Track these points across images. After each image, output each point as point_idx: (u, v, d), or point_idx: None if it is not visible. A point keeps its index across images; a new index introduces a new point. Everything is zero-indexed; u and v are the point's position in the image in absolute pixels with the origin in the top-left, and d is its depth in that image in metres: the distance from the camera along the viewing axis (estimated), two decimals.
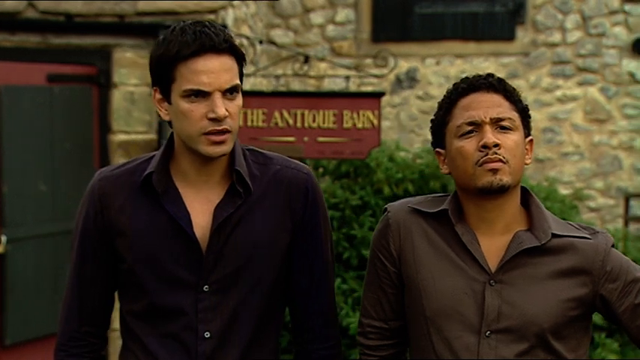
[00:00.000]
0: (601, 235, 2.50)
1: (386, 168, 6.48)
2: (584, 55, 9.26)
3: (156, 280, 2.45)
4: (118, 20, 6.55)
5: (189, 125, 2.38)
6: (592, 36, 9.29)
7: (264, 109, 6.26)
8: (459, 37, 9.23)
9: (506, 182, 2.41)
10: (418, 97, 9.29)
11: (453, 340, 2.43)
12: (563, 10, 9.30)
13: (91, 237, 2.51)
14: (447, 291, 2.44)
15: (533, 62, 9.27)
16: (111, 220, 2.48)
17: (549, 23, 9.30)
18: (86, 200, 2.53)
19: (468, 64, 9.25)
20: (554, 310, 2.41)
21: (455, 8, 9.23)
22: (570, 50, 9.29)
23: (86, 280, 2.53)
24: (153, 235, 2.45)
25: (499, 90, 2.47)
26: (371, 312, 2.60)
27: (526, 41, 9.27)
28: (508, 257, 2.43)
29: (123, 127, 6.63)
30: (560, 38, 9.31)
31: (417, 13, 9.25)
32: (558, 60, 9.30)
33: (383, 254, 2.55)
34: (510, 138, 2.43)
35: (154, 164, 2.48)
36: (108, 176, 2.51)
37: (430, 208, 2.52)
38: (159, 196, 2.46)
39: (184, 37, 2.36)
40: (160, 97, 2.43)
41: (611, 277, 2.45)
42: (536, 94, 9.30)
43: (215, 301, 2.45)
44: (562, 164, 9.36)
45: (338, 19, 9.40)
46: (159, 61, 2.39)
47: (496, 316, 2.41)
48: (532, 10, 9.30)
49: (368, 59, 9.15)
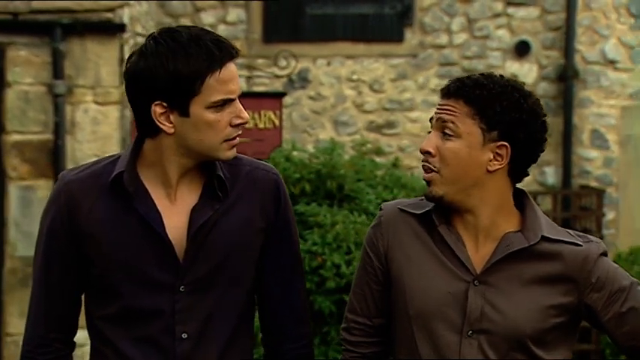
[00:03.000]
0: (594, 243, 2.51)
1: (283, 168, 6.52)
2: (469, 57, 9.47)
3: (130, 283, 2.42)
4: (11, 18, 6.43)
5: (214, 135, 2.37)
6: (477, 38, 9.51)
7: None
8: (349, 38, 9.34)
9: (436, 193, 2.44)
10: (310, 98, 9.36)
11: (436, 338, 2.46)
12: (450, 12, 9.49)
13: (57, 242, 2.46)
14: (432, 290, 2.47)
15: (422, 63, 9.44)
16: (80, 224, 2.44)
17: (436, 25, 9.48)
18: (52, 205, 2.48)
19: (358, 65, 9.36)
20: (537, 315, 2.44)
21: (345, 10, 9.33)
22: (456, 52, 9.49)
23: (52, 286, 2.49)
24: (124, 237, 2.42)
25: (459, 95, 2.45)
26: (356, 307, 2.62)
27: (414, 43, 9.43)
28: (495, 259, 2.46)
29: (17, 127, 6.52)
30: (446, 40, 9.50)
31: (308, 13, 9.31)
32: (445, 61, 9.48)
33: (372, 251, 2.58)
34: (447, 145, 2.44)
35: (122, 164, 2.44)
36: (73, 180, 2.46)
37: (418, 210, 2.54)
38: (129, 196, 2.43)
39: (206, 48, 2.33)
40: (162, 111, 2.36)
41: (596, 287, 2.47)
42: (424, 94, 9.47)
43: (191, 301, 2.44)
44: None
45: (229, 19, 9.40)
46: (178, 76, 2.32)
47: (479, 316, 2.44)
48: (419, 12, 9.46)
49: (260, 59, 9.18)
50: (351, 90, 9.33)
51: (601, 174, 9.57)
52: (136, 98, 2.40)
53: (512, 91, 2.46)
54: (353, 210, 6.68)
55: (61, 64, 6.41)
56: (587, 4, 9.55)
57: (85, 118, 6.44)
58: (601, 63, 9.55)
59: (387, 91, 9.43)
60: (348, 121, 9.39)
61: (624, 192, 9.59)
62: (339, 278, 6.24)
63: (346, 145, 8.17)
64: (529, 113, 2.46)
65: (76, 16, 6.40)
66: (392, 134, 9.47)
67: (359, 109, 9.41)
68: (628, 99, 9.58)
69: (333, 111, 9.38)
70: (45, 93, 6.48)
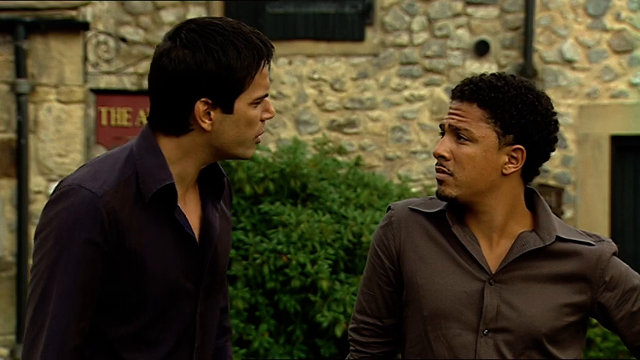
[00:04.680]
0: (606, 243, 2.53)
1: (247, 167, 6.52)
2: (430, 56, 9.52)
3: (161, 295, 2.31)
4: None
5: (251, 130, 2.29)
6: (437, 38, 9.56)
7: (129, 107, 6.24)
8: (310, 37, 9.35)
9: (449, 194, 2.43)
10: (272, 97, 9.33)
11: (451, 338, 2.45)
12: (410, 12, 9.53)
13: (92, 256, 2.26)
14: (447, 290, 2.47)
15: (382, 63, 9.47)
16: (123, 238, 2.27)
17: (397, 25, 9.52)
18: (86, 219, 2.25)
19: (319, 64, 9.37)
20: (552, 313, 2.46)
21: (306, 9, 9.34)
22: (417, 51, 9.53)
23: (79, 311, 2.28)
24: (162, 247, 2.30)
25: (473, 99, 2.44)
26: (366, 308, 2.60)
27: (375, 42, 9.46)
28: (512, 258, 2.46)
29: None
30: (407, 39, 9.54)
31: (269, 12, 9.31)
32: (406, 61, 9.52)
33: (383, 251, 2.56)
34: (463, 150, 2.43)
35: (165, 174, 2.29)
36: (108, 191, 2.26)
37: (429, 209, 2.53)
38: (170, 207, 2.30)
39: (253, 43, 2.25)
40: (205, 107, 2.25)
41: (610, 286, 2.50)
42: (385, 94, 9.50)
43: (204, 308, 2.38)
44: (411, 162, 9.59)
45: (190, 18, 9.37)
46: (231, 71, 2.23)
47: (494, 315, 2.45)
48: (380, 11, 9.49)
49: None
50: (312, 89, 9.34)
51: (559, 173, 9.67)
52: (178, 94, 2.25)
53: (527, 93, 2.45)
54: (317, 209, 6.69)
55: (23, 62, 6.36)
56: (545, 5, 9.64)
57: (48, 117, 6.39)
58: (559, 62, 9.65)
59: (349, 90, 9.45)
60: (310, 120, 9.41)
61: (582, 190, 9.69)
62: (304, 277, 6.24)
63: (308, 144, 8.19)
64: (543, 115, 2.46)
65: (39, 14, 6.35)
66: (353, 133, 9.49)
67: (320, 108, 9.43)
68: (585, 98, 9.68)
69: (294, 110, 9.39)
70: (7, 92, 6.42)
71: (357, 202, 7.20)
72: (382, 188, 7.55)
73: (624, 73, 9.68)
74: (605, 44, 9.67)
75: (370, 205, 7.18)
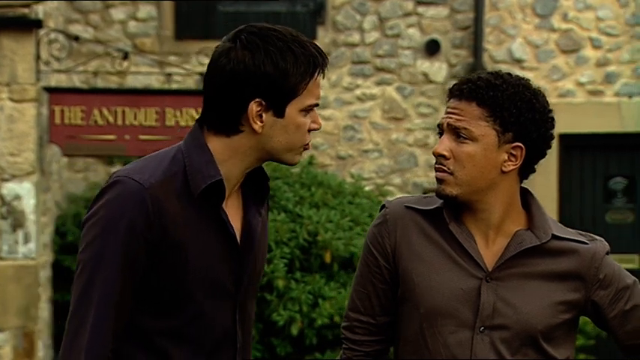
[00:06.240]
0: (599, 242, 2.57)
1: None
2: (381, 56, 9.54)
3: (203, 293, 2.33)
4: None
5: (300, 137, 2.33)
6: (388, 37, 9.59)
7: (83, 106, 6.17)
8: None
9: (450, 193, 2.46)
10: None
11: (447, 335, 2.46)
12: (361, 11, 9.55)
13: (135, 252, 2.28)
14: (443, 287, 2.47)
15: (334, 62, 9.47)
16: (167, 231, 2.29)
17: (349, 24, 9.53)
18: (130, 209, 2.29)
19: None
20: (548, 311, 2.48)
21: (257, 7, 9.32)
22: (369, 50, 9.55)
23: (122, 301, 2.30)
24: (206, 244, 2.33)
25: (471, 97, 2.46)
26: (359, 306, 2.60)
27: (327, 41, 9.46)
28: (508, 256, 2.48)
29: None
30: (359, 39, 9.55)
31: (220, 11, 9.27)
32: (358, 60, 9.54)
33: (377, 249, 2.56)
34: (463, 149, 2.46)
35: (214, 171, 2.32)
36: (154, 184, 2.29)
37: (426, 206, 2.54)
38: (215, 204, 2.33)
39: (310, 51, 2.32)
40: (258, 109, 2.30)
41: (603, 284, 2.53)
42: (337, 93, 9.51)
43: (242, 310, 2.39)
44: (363, 161, 9.61)
45: (140, 16, 9.30)
46: (287, 76, 2.28)
47: (491, 312, 2.46)
48: (332, 10, 9.50)
49: (172, 56, 9.10)
50: None
51: None
52: (233, 93, 2.30)
53: (524, 91, 2.48)
54: (272, 208, 6.67)
55: None
56: (494, 4, 9.71)
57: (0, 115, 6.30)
58: (508, 62, 9.72)
59: None
60: None
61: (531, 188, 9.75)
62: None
63: None
64: (541, 112, 2.49)
65: None
66: None
67: None
68: None
69: None
70: None
71: (311, 200, 7.21)
72: (336, 187, 7.56)
73: (572, 72, 9.78)
74: (553, 44, 9.77)
75: (325, 203, 7.20)
